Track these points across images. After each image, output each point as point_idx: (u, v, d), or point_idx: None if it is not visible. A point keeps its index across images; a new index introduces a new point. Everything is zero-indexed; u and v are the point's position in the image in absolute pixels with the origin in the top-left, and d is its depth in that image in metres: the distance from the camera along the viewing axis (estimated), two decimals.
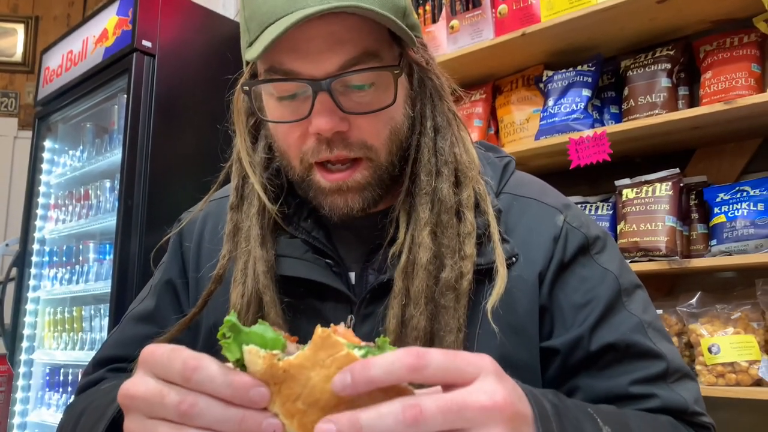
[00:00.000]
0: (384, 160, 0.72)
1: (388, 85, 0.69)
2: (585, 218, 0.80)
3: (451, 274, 0.69)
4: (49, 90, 2.79)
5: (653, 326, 0.74)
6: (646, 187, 1.69)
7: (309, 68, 0.67)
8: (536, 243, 0.75)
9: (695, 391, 0.73)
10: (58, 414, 2.59)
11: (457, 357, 0.43)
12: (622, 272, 0.76)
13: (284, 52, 0.67)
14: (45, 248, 2.89)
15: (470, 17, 2.04)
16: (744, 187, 1.59)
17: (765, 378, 1.42)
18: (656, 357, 0.71)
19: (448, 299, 0.69)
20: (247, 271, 0.74)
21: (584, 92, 1.84)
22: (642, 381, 0.70)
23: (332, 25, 0.66)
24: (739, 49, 1.65)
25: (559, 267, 0.74)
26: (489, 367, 0.45)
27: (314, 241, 0.77)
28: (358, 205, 0.72)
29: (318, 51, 0.66)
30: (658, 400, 0.69)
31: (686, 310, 1.58)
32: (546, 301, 0.73)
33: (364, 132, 0.69)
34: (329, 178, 0.71)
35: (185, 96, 2.34)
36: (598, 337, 0.71)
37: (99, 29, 2.49)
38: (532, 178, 0.86)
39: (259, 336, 0.43)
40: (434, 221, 0.71)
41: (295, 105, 0.70)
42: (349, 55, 0.67)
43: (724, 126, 1.63)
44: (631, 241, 1.65)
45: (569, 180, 1.96)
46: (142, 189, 2.19)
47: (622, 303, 0.73)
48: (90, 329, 2.57)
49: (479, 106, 2.12)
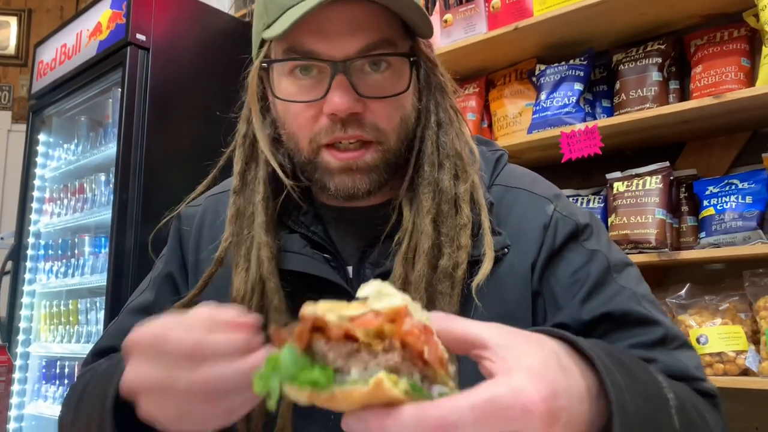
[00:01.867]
0: (393, 145, 0.74)
1: (403, 72, 0.72)
2: (574, 207, 0.82)
3: (449, 262, 0.71)
4: (43, 83, 2.78)
5: (647, 298, 0.74)
6: (637, 180, 1.71)
7: (329, 49, 0.69)
8: (527, 232, 0.77)
9: (696, 359, 0.72)
10: (54, 406, 2.61)
11: (495, 417, 0.37)
12: (611, 252, 0.78)
13: (305, 34, 0.69)
14: (40, 242, 2.90)
15: (463, 11, 2.05)
16: (733, 180, 1.61)
17: (752, 368, 1.45)
18: (654, 323, 0.71)
19: (445, 286, 0.71)
20: (251, 258, 0.75)
21: (576, 86, 1.85)
22: (641, 346, 0.70)
23: (354, 10, 0.68)
24: (729, 44, 1.67)
25: (550, 254, 0.76)
26: (536, 419, 0.38)
27: (313, 235, 0.78)
28: (365, 187, 0.73)
29: (338, 34, 0.69)
30: (659, 364, 0.68)
31: (675, 301, 1.60)
32: (538, 287, 0.75)
33: (377, 115, 0.71)
34: (339, 157, 0.72)
35: (179, 89, 2.34)
36: (590, 309, 0.72)
37: (93, 23, 2.49)
38: (524, 170, 0.88)
39: (303, 379, 0.37)
40: (435, 210, 0.74)
41: (310, 85, 0.71)
42: (369, 40, 0.69)
43: (713, 120, 1.65)
44: (621, 233, 1.67)
45: (561, 173, 1.97)
46: (136, 182, 2.19)
47: (612, 278, 0.74)
48: (86, 322, 2.59)
49: (472, 100, 2.13)
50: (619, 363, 0.48)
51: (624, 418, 0.44)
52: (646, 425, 0.46)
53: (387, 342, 0.37)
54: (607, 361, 0.46)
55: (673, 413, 0.50)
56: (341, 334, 0.38)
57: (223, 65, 2.41)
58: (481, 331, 0.42)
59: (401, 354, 0.37)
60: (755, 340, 1.49)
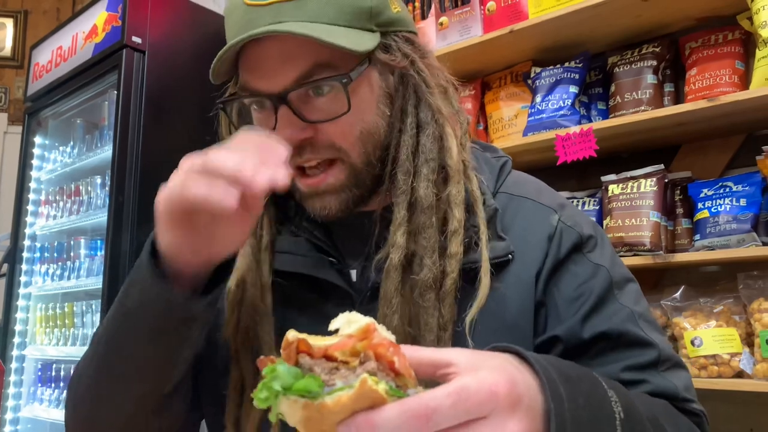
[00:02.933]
0: (357, 160, 0.73)
1: (343, 93, 0.70)
2: (580, 217, 0.81)
3: (429, 274, 0.69)
4: (39, 86, 2.78)
5: (644, 317, 0.75)
6: (632, 183, 1.71)
7: (267, 85, 0.71)
8: (531, 242, 0.76)
9: (686, 380, 0.74)
10: (50, 409, 2.60)
11: (468, 401, 0.41)
12: (614, 266, 0.78)
13: (247, 72, 0.73)
14: (36, 244, 2.89)
15: (459, 14, 2.05)
16: (727, 183, 1.61)
17: (746, 370, 1.45)
18: (648, 345, 0.72)
19: (427, 299, 0.69)
20: (245, 252, 0.77)
21: (571, 89, 1.86)
22: (634, 368, 0.71)
23: (286, 43, 0.70)
24: (724, 47, 1.68)
25: (554, 265, 0.75)
26: (502, 402, 0.43)
27: (316, 240, 0.78)
28: (336, 207, 0.74)
29: (272, 68, 0.71)
30: (649, 385, 0.70)
31: (670, 303, 1.61)
32: (541, 297, 0.74)
33: (331, 136, 0.72)
34: (305, 183, 0.74)
35: (175, 92, 2.34)
36: (591, 326, 0.72)
37: (88, 25, 2.49)
38: (529, 177, 0.87)
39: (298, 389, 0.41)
40: (410, 221, 0.72)
41: (265, 118, 0.74)
42: (302, 69, 0.70)
43: (708, 122, 1.65)
44: (616, 236, 1.67)
45: (557, 175, 1.98)
46: (132, 185, 2.19)
47: (614, 295, 0.75)
48: (82, 325, 2.58)
49: (468, 102, 2.13)
50: (564, 376, 0.50)
51: (560, 425, 0.46)
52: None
53: (362, 355, 0.42)
54: (553, 374, 0.49)
55: (617, 425, 0.52)
56: (322, 356, 0.43)
57: None
58: (445, 354, 0.46)
59: (376, 365, 0.42)
60: (749, 342, 1.50)
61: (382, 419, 0.40)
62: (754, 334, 1.46)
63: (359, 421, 0.40)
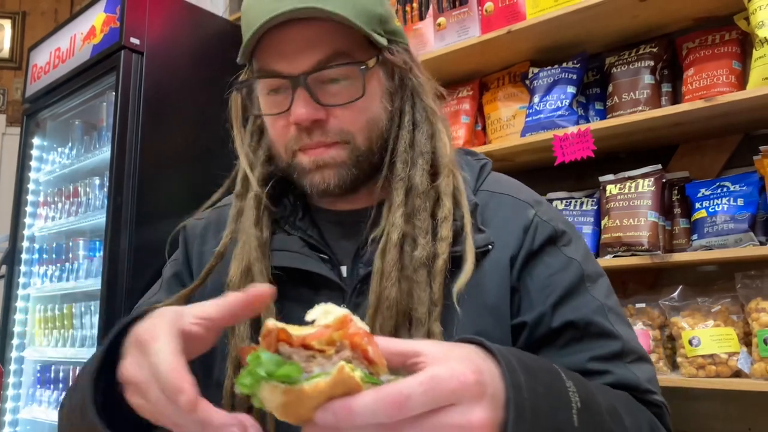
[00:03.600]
0: (362, 144, 0.80)
1: (359, 80, 0.78)
2: (555, 214, 0.87)
3: (423, 252, 0.76)
4: (37, 87, 2.78)
5: (614, 311, 0.80)
6: (629, 183, 1.71)
7: (287, 67, 0.77)
8: (509, 231, 0.82)
9: (649, 372, 0.78)
10: (49, 411, 2.60)
11: (437, 389, 0.44)
12: (587, 261, 0.83)
13: (268, 55, 0.78)
14: (35, 246, 2.89)
15: (457, 15, 2.05)
16: (724, 183, 1.62)
17: (744, 369, 1.46)
18: (613, 337, 0.77)
19: (420, 275, 0.76)
20: (245, 248, 0.82)
21: (569, 89, 1.86)
22: (599, 359, 0.76)
23: (307, 30, 0.76)
24: (721, 47, 1.68)
25: (528, 254, 0.81)
26: (470, 390, 0.46)
27: (309, 238, 0.84)
28: (334, 182, 0.79)
29: (294, 52, 0.77)
30: (612, 376, 0.75)
31: (668, 303, 1.61)
32: (516, 283, 0.80)
33: (341, 120, 0.79)
34: (309, 155, 0.79)
35: (174, 93, 2.34)
36: (560, 315, 0.78)
37: (87, 26, 2.49)
38: (508, 177, 0.94)
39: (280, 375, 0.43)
40: (407, 204, 0.79)
41: (279, 100, 0.79)
42: (322, 54, 0.77)
43: (705, 122, 1.66)
44: (614, 236, 1.68)
45: (555, 175, 1.98)
46: (131, 186, 2.19)
47: (585, 287, 0.80)
48: (81, 326, 2.58)
49: (466, 103, 2.14)
50: (525, 366, 0.53)
51: (518, 414, 0.49)
52: (541, 421, 0.51)
53: (338, 344, 0.45)
54: (514, 364, 0.52)
55: (574, 413, 0.55)
56: (300, 344, 0.45)
57: (218, 68, 2.40)
58: (414, 345, 0.49)
59: (351, 353, 0.45)
60: (747, 341, 1.50)
61: (358, 405, 0.42)
62: (752, 334, 1.47)
63: (337, 407, 0.42)
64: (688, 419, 1.73)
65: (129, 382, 0.52)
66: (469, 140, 2.10)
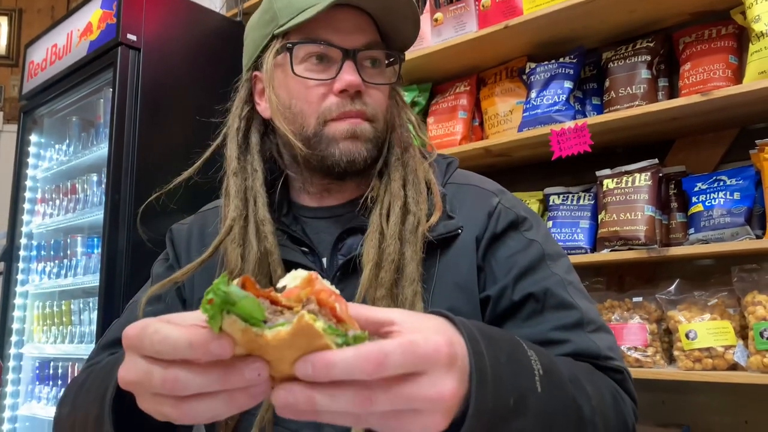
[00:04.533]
0: (381, 127, 0.89)
1: (391, 69, 0.91)
2: (517, 202, 0.93)
3: (414, 219, 0.85)
4: (34, 84, 2.77)
5: (574, 285, 0.85)
6: (626, 178, 1.72)
7: (341, 41, 0.85)
8: (475, 217, 0.89)
9: (609, 341, 0.82)
10: (48, 407, 2.61)
11: (416, 353, 0.45)
12: (547, 242, 0.88)
13: (321, 27, 0.85)
14: (33, 242, 2.89)
15: (454, 10, 2.05)
16: (721, 177, 1.62)
17: (740, 362, 1.46)
18: (573, 308, 0.82)
19: (411, 237, 0.84)
20: (247, 235, 0.85)
21: (566, 84, 1.86)
22: (559, 328, 0.80)
23: (357, 16, 0.87)
24: (717, 41, 1.68)
25: (492, 237, 0.87)
26: (442, 359, 0.47)
27: (292, 232, 0.90)
28: (362, 155, 0.86)
29: (348, 30, 0.86)
30: (572, 345, 0.79)
31: (665, 297, 1.62)
32: (481, 263, 0.86)
33: (373, 99, 0.87)
34: (349, 122, 0.85)
35: (171, 89, 2.34)
36: (521, 288, 0.83)
37: (83, 23, 2.49)
38: (472, 173, 1.00)
39: (245, 311, 0.43)
40: (404, 178, 0.89)
41: (321, 68, 0.86)
42: (370, 38, 0.88)
43: (702, 117, 1.66)
44: (611, 230, 1.68)
45: (552, 170, 1.99)
46: (129, 183, 2.19)
47: (546, 264, 0.85)
48: (79, 323, 2.58)
49: (464, 98, 2.14)
50: (486, 336, 0.55)
51: (480, 379, 0.51)
52: (504, 388, 0.53)
53: (305, 300, 0.45)
54: (476, 334, 0.54)
55: (536, 380, 0.57)
56: (267, 298, 0.45)
57: (215, 64, 2.41)
58: (387, 313, 0.50)
59: (318, 309, 0.45)
60: (743, 335, 1.51)
61: (337, 358, 0.43)
62: (748, 327, 1.47)
63: (315, 358, 0.43)
64: (684, 412, 1.74)
65: (132, 382, 0.49)
66: (466, 135, 2.10)
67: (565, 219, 1.83)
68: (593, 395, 0.67)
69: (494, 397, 0.52)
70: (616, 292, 1.74)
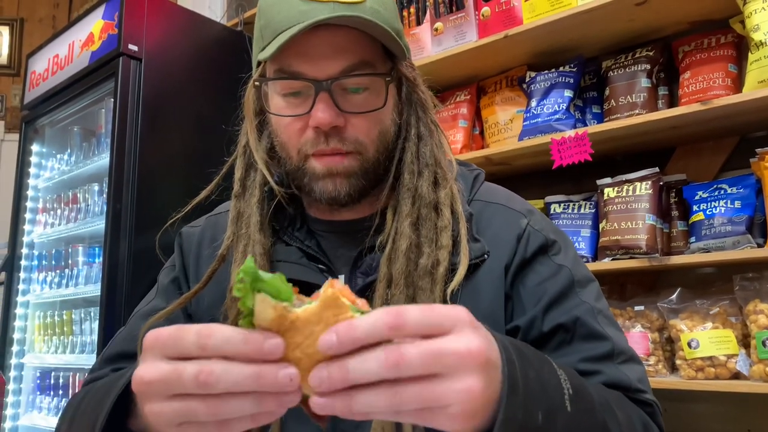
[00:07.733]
0: (371, 155, 0.81)
1: (380, 90, 0.80)
2: (546, 223, 0.89)
3: (428, 260, 0.78)
4: (36, 94, 2.78)
5: (603, 314, 0.82)
6: (627, 186, 1.72)
7: (313, 70, 0.77)
8: (503, 240, 0.84)
9: (640, 372, 0.79)
10: (49, 417, 2.60)
11: (434, 311, 0.47)
12: (577, 267, 0.85)
13: (293, 56, 0.78)
14: (34, 252, 2.89)
15: (454, 19, 2.06)
16: (722, 185, 1.62)
17: (743, 371, 1.46)
18: (603, 338, 0.79)
19: (425, 282, 0.77)
20: (247, 254, 0.82)
21: (566, 93, 1.87)
22: (589, 359, 0.77)
23: (335, 36, 0.77)
24: (717, 50, 1.69)
25: (521, 263, 0.83)
26: (464, 318, 0.48)
27: (307, 248, 0.85)
28: (345, 190, 0.80)
29: (322, 56, 0.77)
30: (603, 376, 0.76)
31: (667, 305, 1.61)
32: (509, 290, 0.83)
33: (357, 129, 0.79)
34: (323, 162, 0.80)
35: (172, 99, 2.34)
36: (550, 319, 0.79)
37: (85, 33, 2.50)
38: (500, 187, 0.96)
39: (274, 287, 0.46)
40: (415, 214, 0.81)
41: (298, 102, 0.80)
42: (349, 62, 0.77)
43: (702, 125, 1.66)
44: (612, 239, 1.68)
45: (553, 179, 1.99)
46: (130, 192, 2.19)
47: (575, 291, 0.82)
48: (80, 332, 2.58)
49: (464, 107, 2.14)
50: (517, 349, 0.54)
51: (511, 386, 0.50)
52: (533, 402, 0.52)
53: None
54: (507, 344, 0.53)
55: (566, 399, 0.56)
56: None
57: (216, 75, 2.42)
58: None
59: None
60: (746, 343, 1.51)
61: (359, 321, 0.45)
62: (750, 336, 1.47)
63: (339, 327, 0.45)
64: (687, 421, 1.73)
65: (153, 381, 0.49)
66: (466, 144, 2.11)
67: (566, 227, 1.83)
68: (624, 422, 0.65)
69: (524, 409, 0.51)
70: (617, 301, 1.74)
